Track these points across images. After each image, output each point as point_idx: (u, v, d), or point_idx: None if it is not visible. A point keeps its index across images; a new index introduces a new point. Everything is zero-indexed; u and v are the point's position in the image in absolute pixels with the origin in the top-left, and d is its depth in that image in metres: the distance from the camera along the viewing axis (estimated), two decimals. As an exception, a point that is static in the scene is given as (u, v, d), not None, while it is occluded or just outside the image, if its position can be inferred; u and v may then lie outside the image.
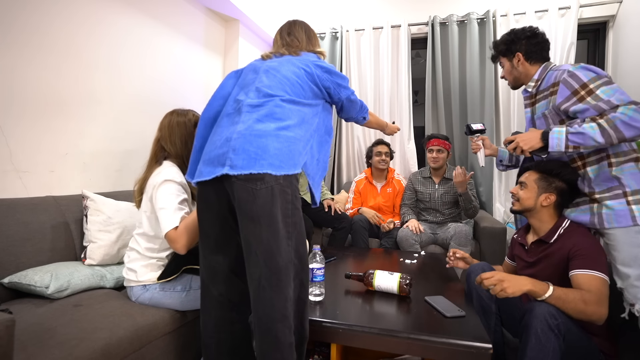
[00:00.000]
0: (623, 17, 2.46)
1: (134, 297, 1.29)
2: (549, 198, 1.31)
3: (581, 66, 1.28)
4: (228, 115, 1.07)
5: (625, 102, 1.16)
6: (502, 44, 1.50)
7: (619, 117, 1.16)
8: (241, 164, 0.94)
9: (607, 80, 1.23)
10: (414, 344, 1.03)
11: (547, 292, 1.12)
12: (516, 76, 1.49)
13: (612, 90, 1.19)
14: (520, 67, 1.45)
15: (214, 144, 1.03)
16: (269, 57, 1.23)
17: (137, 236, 1.32)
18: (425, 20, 2.90)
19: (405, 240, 2.20)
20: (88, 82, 1.74)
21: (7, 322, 0.75)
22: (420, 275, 1.57)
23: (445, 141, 2.39)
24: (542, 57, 1.44)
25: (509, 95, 2.70)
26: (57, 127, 1.61)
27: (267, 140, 0.97)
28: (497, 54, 1.54)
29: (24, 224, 1.33)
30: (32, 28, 1.50)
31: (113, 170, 1.88)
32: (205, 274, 1.08)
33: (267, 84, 1.08)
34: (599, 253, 1.19)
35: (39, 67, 1.53)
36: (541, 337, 1.05)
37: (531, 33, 1.44)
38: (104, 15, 1.82)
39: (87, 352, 0.95)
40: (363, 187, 2.67)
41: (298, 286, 1.02)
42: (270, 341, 0.94)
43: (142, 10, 2.06)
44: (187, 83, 2.46)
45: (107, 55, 1.84)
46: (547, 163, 1.36)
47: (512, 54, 1.46)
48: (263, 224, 0.94)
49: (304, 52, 1.25)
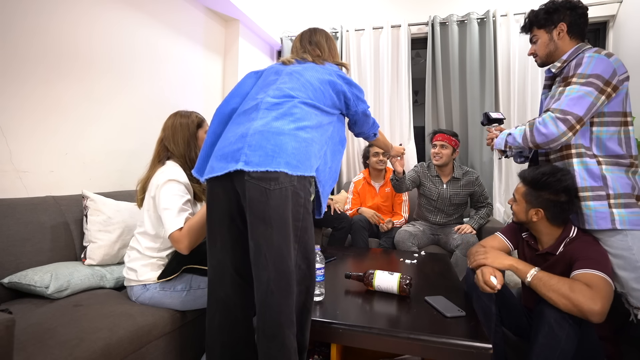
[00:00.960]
0: (623, 17, 2.47)
1: (134, 296, 1.29)
2: (538, 213, 1.25)
3: (599, 57, 1.20)
4: (245, 112, 1.06)
5: (558, 109, 1.17)
6: (543, 13, 1.37)
7: (536, 122, 1.21)
8: (257, 161, 0.92)
9: (595, 84, 1.17)
10: (414, 344, 1.03)
11: (531, 271, 1.13)
12: (551, 50, 1.38)
13: (575, 94, 1.17)
14: (559, 41, 1.35)
15: (227, 139, 1.02)
16: (290, 62, 1.22)
17: (138, 235, 1.32)
18: (425, 20, 2.90)
19: (403, 243, 2.18)
20: (88, 82, 1.74)
21: (7, 322, 0.75)
22: (420, 275, 1.57)
23: (452, 137, 2.27)
24: (582, 34, 1.36)
25: (509, 96, 2.70)
26: (57, 127, 1.61)
27: (284, 139, 0.96)
28: (533, 24, 1.41)
29: (24, 224, 1.33)
30: (32, 28, 1.50)
31: (113, 170, 1.89)
32: (212, 274, 1.08)
33: (290, 86, 1.08)
34: (602, 256, 1.15)
35: (39, 67, 1.53)
36: (554, 325, 1.05)
37: (575, 4, 1.35)
38: (104, 15, 1.82)
39: (87, 352, 0.94)
40: (361, 187, 2.66)
41: (304, 292, 1.00)
42: (278, 347, 0.93)
43: (142, 10, 2.06)
44: (187, 83, 2.46)
45: (107, 55, 1.84)
46: (534, 172, 1.27)
47: (554, 24, 1.35)
48: (275, 226, 0.92)
49: (327, 62, 1.24)
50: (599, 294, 1.04)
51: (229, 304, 1.05)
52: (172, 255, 1.32)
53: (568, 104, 1.18)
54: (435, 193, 2.34)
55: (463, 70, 2.82)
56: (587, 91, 1.17)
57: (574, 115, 1.16)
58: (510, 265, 1.19)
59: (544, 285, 1.10)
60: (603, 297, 1.04)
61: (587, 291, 1.04)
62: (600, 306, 1.02)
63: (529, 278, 1.14)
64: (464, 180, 2.32)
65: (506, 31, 2.69)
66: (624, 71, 1.21)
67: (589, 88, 1.17)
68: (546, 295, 1.09)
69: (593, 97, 1.16)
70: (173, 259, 1.31)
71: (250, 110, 1.05)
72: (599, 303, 1.02)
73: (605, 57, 1.21)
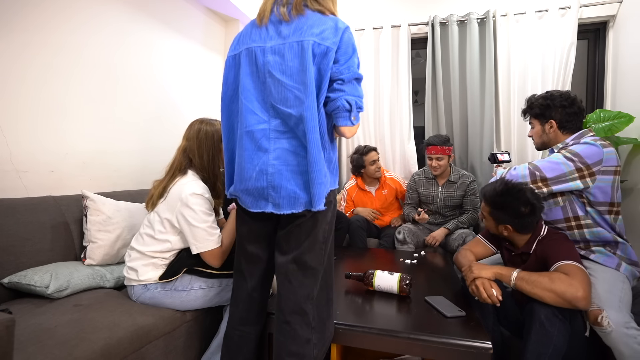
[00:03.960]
0: (623, 17, 2.46)
1: (135, 296, 1.29)
2: (507, 228, 1.31)
3: (592, 144, 1.31)
4: (248, 134, 1.00)
5: (534, 163, 1.38)
6: (537, 107, 1.48)
7: (515, 166, 1.44)
8: (284, 204, 0.97)
9: (575, 162, 1.29)
10: (414, 344, 1.03)
11: (513, 274, 1.18)
12: (544, 141, 1.50)
13: (555, 159, 1.34)
14: (551, 134, 1.46)
15: (246, 171, 1.01)
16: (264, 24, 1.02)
17: (144, 236, 1.31)
18: (425, 20, 2.89)
19: (402, 240, 2.20)
20: (88, 82, 1.74)
21: (7, 322, 0.75)
22: (420, 275, 1.57)
23: (444, 147, 2.27)
24: (576, 127, 1.44)
25: (509, 96, 2.70)
26: (57, 127, 1.61)
27: (304, 178, 0.97)
28: (529, 113, 1.53)
29: (24, 224, 1.33)
30: (32, 28, 1.50)
31: (113, 170, 1.88)
32: (243, 265, 1.11)
33: (277, 98, 0.98)
34: (572, 249, 1.21)
35: (39, 67, 1.53)
36: (545, 322, 1.08)
37: (568, 102, 1.42)
38: (104, 15, 1.82)
39: (87, 352, 0.94)
40: (356, 194, 2.60)
41: (324, 288, 1.06)
42: (286, 333, 0.98)
43: (142, 10, 2.06)
44: (187, 83, 2.46)
45: (106, 55, 1.84)
46: (491, 193, 1.34)
47: (546, 119, 1.46)
48: (305, 230, 1.01)
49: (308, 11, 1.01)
50: (577, 280, 1.08)
51: (254, 297, 1.12)
52: (175, 257, 1.32)
53: (543, 164, 1.36)
54: (430, 196, 2.40)
55: (463, 70, 2.81)
56: (565, 162, 1.31)
57: (541, 175, 1.34)
58: (494, 274, 1.24)
59: (527, 284, 1.14)
60: (581, 281, 1.08)
61: (565, 279, 1.09)
62: (583, 291, 1.06)
63: (513, 280, 1.19)
64: (459, 183, 2.35)
65: (506, 31, 2.69)
66: (614, 164, 1.29)
67: (568, 162, 1.30)
68: (531, 292, 1.13)
69: (567, 170, 1.31)
70: (176, 261, 1.31)
71: (255, 133, 1.02)
72: (580, 288, 1.07)
73: (599, 145, 1.30)
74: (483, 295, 1.19)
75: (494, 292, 1.18)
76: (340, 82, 0.96)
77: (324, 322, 1.04)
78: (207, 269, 1.33)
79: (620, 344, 1.09)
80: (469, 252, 1.47)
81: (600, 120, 2.23)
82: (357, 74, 0.98)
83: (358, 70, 0.99)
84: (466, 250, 1.50)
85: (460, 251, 1.51)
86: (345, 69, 0.96)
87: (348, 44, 0.96)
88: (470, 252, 1.48)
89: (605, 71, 2.62)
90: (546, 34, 2.58)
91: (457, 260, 1.49)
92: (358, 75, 0.98)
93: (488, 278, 1.22)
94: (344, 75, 0.95)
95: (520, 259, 1.35)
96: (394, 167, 2.96)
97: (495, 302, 1.18)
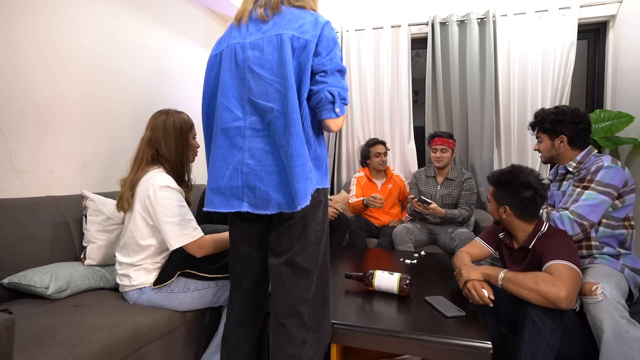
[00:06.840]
0: (623, 17, 2.46)
1: (131, 301, 1.28)
2: (505, 210, 1.33)
3: (616, 169, 1.34)
4: (222, 132, 0.99)
5: (576, 212, 1.33)
6: (548, 122, 1.49)
7: (554, 216, 1.38)
8: (260, 204, 0.96)
9: (611, 194, 1.31)
10: (414, 344, 1.03)
11: (500, 274, 1.19)
12: (553, 155, 1.51)
13: (593, 201, 1.32)
14: (561, 149, 1.47)
15: (218, 169, 0.99)
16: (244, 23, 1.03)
17: (127, 247, 1.27)
18: (425, 20, 2.89)
19: (400, 240, 2.20)
20: (88, 82, 1.74)
21: (7, 322, 0.75)
22: (420, 275, 1.57)
23: (449, 139, 2.33)
24: (585, 143, 1.46)
25: (509, 96, 2.70)
26: (56, 127, 1.61)
27: (278, 178, 0.95)
28: (539, 127, 1.53)
29: (24, 224, 1.33)
30: (32, 28, 1.50)
31: (113, 171, 1.88)
32: (238, 267, 1.10)
33: (256, 93, 0.96)
34: (569, 247, 1.20)
35: (39, 67, 1.53)
36: (537, 320, 1.10)
37: (579, 119, 1.44)
38: (104, 16, 1.82)
39: (87, 352, 0.94)
40: (365, 183, 2.64)
41: (320, 288, 1.04)
42: (281, 335, 0.97)
43: (142, 10, 2.06)
44: (187, 83, 2.46)
45: (106, 55, 1.84)
46: (497, 173, 1.37)
47: (556, 134, 1.47)
48: (295, 231, 0.99)
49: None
50: (561, 280, 1.08)
51: (250, 299, 1.12)
52: (167, 260, 1.31)
53: (586, 210, 1.32)
54: (429, 194, 2.42)
55: (463, 70, 2.81)
56: (604, 200, 1.32)
57: (590, 222, 1.32)
58: (482, 274, 1.25)
59: (514, 285, 1.15)
60: (566, 282, 1.07)
61: (549, 279, 1.09)
62: (565, 291, 1.05)
63: (500, 281, 1.19)
64: (457, 181, 2.37)
65: (506, 31, 2.69)
66: (632, 182, 1.36)
67: (605, 197, 1.32)
68: (518, 293, 1.13)
69: (608, 205, 1.32)
70: (168, 264, 1.30)
71: (230, 131, 1.00)
72: (563, 289, 1.06)
73: (621, 168, 1.35)
74: (475, 298, 1.20)
75: (485, 293, 1.18)
76: (322, 74, 0.94)
77: (319, 322, 1.03)
78: (201, 272, 1.29)
79: (606, 314, 1.11)
80: (465, 254, 1.47)
81: (600, 120, 2.24)
82: (340, 66, 0.96)
83: (341, 62, 0.98)
84: (462, 252, 1.50)
85: (457, 253, 1.51)
86: (328, 60, 0.94)
87: (329, 38, 0.95)
88: (466, 253, 1.48)
89: (605, 71, 2.62)
90: (546, 34, 2.58)
91: (453, 262, 1.50)
92: (341, 67, 0.96)
93: (478, 279, 1.23)
94: (326, 67, 0.94)
95: (520, 256, 1.35)
96: (393, 167, 2.96)
97: (488, 303, 1.18)
